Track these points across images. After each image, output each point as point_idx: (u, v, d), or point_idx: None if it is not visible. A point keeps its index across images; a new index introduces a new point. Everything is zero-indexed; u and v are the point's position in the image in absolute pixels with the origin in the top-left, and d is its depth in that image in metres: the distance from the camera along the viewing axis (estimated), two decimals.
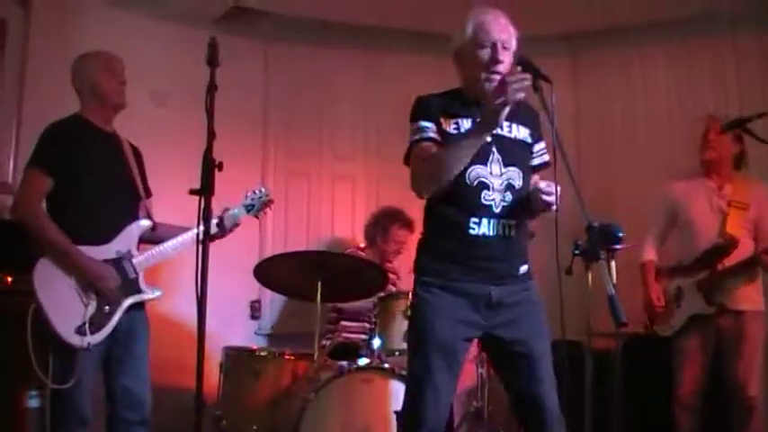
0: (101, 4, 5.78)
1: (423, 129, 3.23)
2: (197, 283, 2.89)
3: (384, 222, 5.86)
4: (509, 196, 3.19)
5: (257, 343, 6.19)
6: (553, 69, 3.09)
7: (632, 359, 5.67)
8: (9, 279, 4.35)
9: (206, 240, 2.90)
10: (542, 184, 3.10)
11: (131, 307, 3.89)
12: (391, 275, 5.52)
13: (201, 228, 2.92)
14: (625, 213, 5.41)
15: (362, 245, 5.95)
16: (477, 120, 3.12)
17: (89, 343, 3.65)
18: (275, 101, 6.65)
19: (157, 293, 4.02)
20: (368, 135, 6.81)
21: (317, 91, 6.72)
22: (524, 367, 3.17)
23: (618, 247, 2.77)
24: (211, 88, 3.01)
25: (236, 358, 4.82)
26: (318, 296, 4.49)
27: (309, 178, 6.66)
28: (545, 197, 3.06)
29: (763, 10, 6.18)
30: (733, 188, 4.96)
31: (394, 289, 5.35)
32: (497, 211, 3.17)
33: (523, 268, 3.29)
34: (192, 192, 2.96)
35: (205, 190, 2.94)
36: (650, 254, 5.18)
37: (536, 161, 3.36)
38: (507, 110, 2.98)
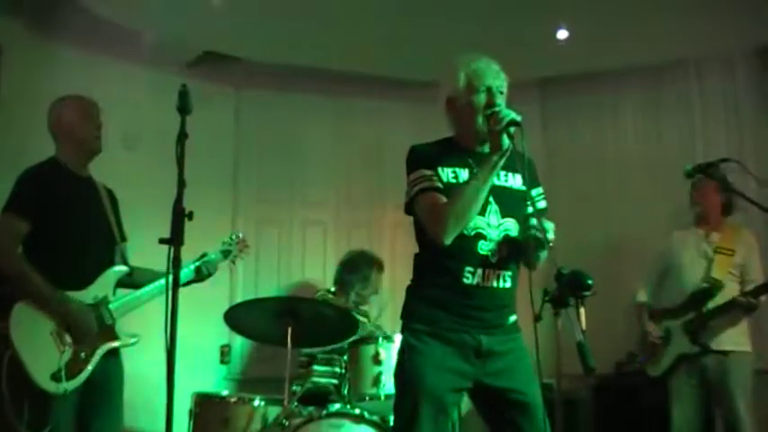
0: (72, 48, 5.78)
1: (426, 177, 3.17)
2: (166, 330, 2.88)
3: (364, 270, 5.86)
4: (505, 248, 3.17)
5: (227, 387, 6.14)
6: (524, 115, 3.12)
7: (602, 401, 5.72)
8: None
9: (176, 289, 2.90)
10: (533, 222, 3.05)
11: (107, 353, 3.86)
12: (361, 318, 5.52)
13: (171, 278, 2.92)
14: (596, 259, 5.47)
15: (333, 289, 5.93)
16: (474, 171, 3.12)
17: (65, 390, 3.61)
18: (246, 146, 6.68)
19: (134, 340, 3.99)
20: (338, 180, 6.84)
21: (288, 136, 6.75)
22: (524, 415, 3.12)
23: (587, 294, 2.77)
24: (182, 137, 3.02)
25: (206, 404, 4.76)
26: (288, 342, 4.47)
27: (280, 225, 6.66)
28: (538, 234, 3.00)
29: (730, 58, 6.31)
30: (721, 235, 5.19)
31: (364, 332, 5.34)
32: (493, 261, 3.16)
33: (512, 318, 3.27)
34: (162, 241, 2.96)
35: (175, 239, 2.94)
36: (642, 296, 5.40)
37: (531, 208, 3.25)
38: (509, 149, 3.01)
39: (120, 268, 4.03)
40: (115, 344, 3.90)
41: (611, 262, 5.63)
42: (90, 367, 3.77)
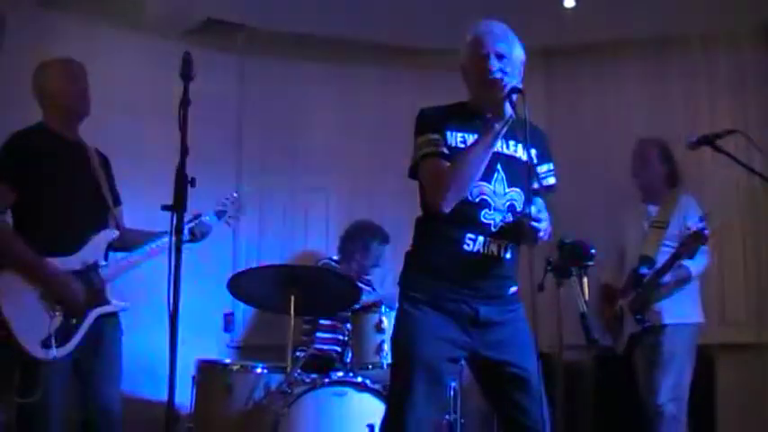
0: (75, 18, 5.76)
1: (432, 142, 3.16)
2: (169, 297, 2.89)
3: (364, 238, 5.87)
4: (509, 217, 3.16)
5: (230, 355, 6.17)
6: (527, 84, 3.11)
7: (604, 371, 5.73)
8: None
9: (178, 255, 2.90)
10: (533, 210, 3.01)
11: (102, 317, 3.87)
12: (365, 287, 5.54)
13: (174, 243, 2.91)
14: (598, 229, 5.45)
15: (336, 257, 5.94)
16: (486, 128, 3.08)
17: (54, 356, 3.62)
18: (249, 114, 6.65)
19: (123, 305, 3.99)
20: (342, 148, 6.80)
21: (292, 104, 6.70)
22: (521, 390, 3.11)
23: (589, 264, 2.77)
24: (184, 103, 3.00)
25: (209, 371, 4.79)
26: (291, 310, 4.48)
27: (283, 192, 6.64)
28: (534, 223, 2.97)
29: (735, 32, 6.27)
30: (660, 208, 5.13)
31: (364, 299, 5.36)
32: (495, 230, 3.13)
33: (513, 289, 3.26)
34: (165, 207, 2.96)
35: (177, 206, 2.94)
36: (604, 277, 5.32)
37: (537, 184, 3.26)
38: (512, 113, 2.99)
39: (110, 232, 3.99)
40: (105, 309, 3.89)
41: (614, 232, 5.60)
42: (81, 333, 3.76)
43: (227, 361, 5.19)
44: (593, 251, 2.77)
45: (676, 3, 5.85)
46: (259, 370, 4.74)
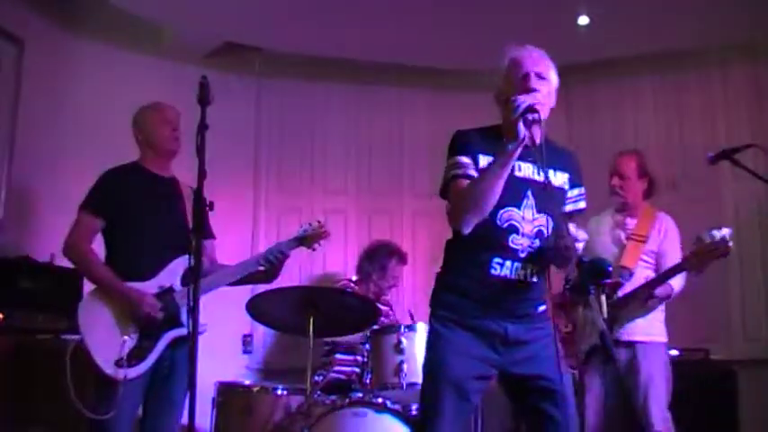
0: (92, 42, 5.81)
1: (461, 164, 3.16)
2: (189, 319, 2.91)
3: (381, 259, 5.84)
4: (537, 243, 3.15)
5: (249, 377, 6.18)
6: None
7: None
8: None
9: (197, 278, 2.91)
10: (571, 228, 2.96)
11: (178, 342, 3.93)
12: (383, 308, 5.52)
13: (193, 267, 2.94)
14: None
15: (354, 278, 5.94)
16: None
17: (125, 375, 3.71)
18: (266, 136, 6.69)
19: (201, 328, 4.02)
20: (359, 169, 6.84)
21: (308, 125, 6.76)
22: (552, 403, 3.11)
23: (608, 281, 2.77)
24: (202, 127, 3.05)
25: (229, 393, 4.81)
26: (311, 331, 4.48)
27: (301, 213, 6.65)
28: (565, 251, 2.93)
29: (752, 45, 6.25)
30: (636, 221, 4.91)
31: (386, 321, 5.35)
32: (523, 255, 3.13)
33: (542, 308, 3.25)
34: None
35: (197, 230, 2.96)
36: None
37: (569, 207, 3.29)
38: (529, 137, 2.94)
39: (187, 258, 4.06)
40: (180, 332, 3.95)
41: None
42: (155, 355, 3.85)
43: (247, 383, 5.20)
44: (610, 268, 2.77)
45: (691, 17, 5.85)
46: (279, 392, 4.76)
